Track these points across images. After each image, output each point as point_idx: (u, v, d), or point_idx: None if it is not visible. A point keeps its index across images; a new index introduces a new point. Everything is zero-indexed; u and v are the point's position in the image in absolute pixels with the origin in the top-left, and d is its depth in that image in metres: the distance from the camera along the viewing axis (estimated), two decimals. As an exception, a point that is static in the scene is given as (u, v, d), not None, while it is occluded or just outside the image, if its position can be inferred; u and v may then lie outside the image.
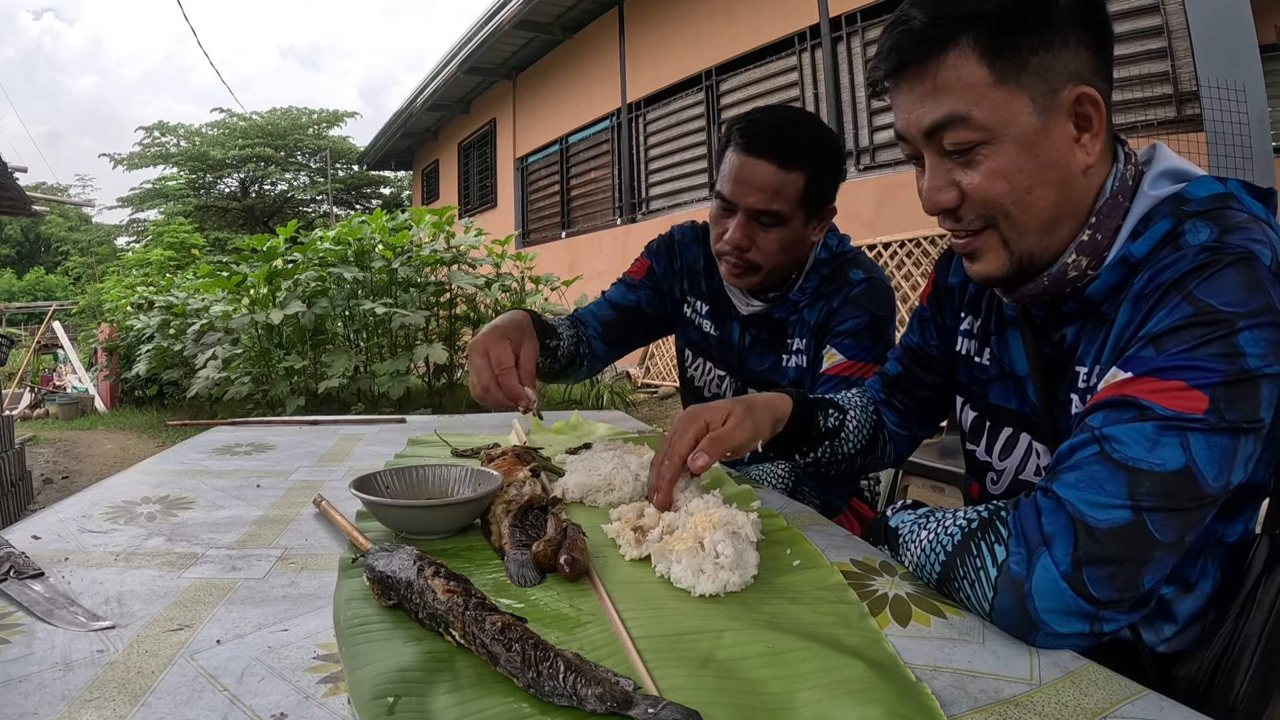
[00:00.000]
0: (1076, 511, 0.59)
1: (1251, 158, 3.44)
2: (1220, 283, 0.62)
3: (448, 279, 5.63)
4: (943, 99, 0.70)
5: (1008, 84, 0.68)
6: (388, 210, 9.82)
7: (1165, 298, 0.64)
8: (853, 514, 1.34)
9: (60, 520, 0.83)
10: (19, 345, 10.58)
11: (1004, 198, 0.71)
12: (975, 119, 0.69)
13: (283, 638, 0.56)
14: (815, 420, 0.94)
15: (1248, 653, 0.68)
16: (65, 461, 5.31)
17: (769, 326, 1.29)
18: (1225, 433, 0.60)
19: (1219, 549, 0.73)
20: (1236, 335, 0.60)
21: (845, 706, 0.46)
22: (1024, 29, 0.68)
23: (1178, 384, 0.60)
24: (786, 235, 1.18)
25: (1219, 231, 0.65)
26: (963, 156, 0.72)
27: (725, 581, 0.65)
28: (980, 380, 0.88)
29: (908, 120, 0.74)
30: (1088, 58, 0.69)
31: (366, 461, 1.15)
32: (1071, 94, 0.69)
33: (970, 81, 0.69)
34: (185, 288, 7.18)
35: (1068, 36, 0.69)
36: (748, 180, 1.16)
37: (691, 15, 7.12)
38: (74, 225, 21.22)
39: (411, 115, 12.16)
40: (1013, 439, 0.84)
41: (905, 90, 0.74)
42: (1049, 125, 0.69)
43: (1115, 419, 0.62)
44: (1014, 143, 0.69)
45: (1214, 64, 3.55)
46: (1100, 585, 0.58)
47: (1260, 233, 0.65)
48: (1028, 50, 0.68)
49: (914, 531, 0.69)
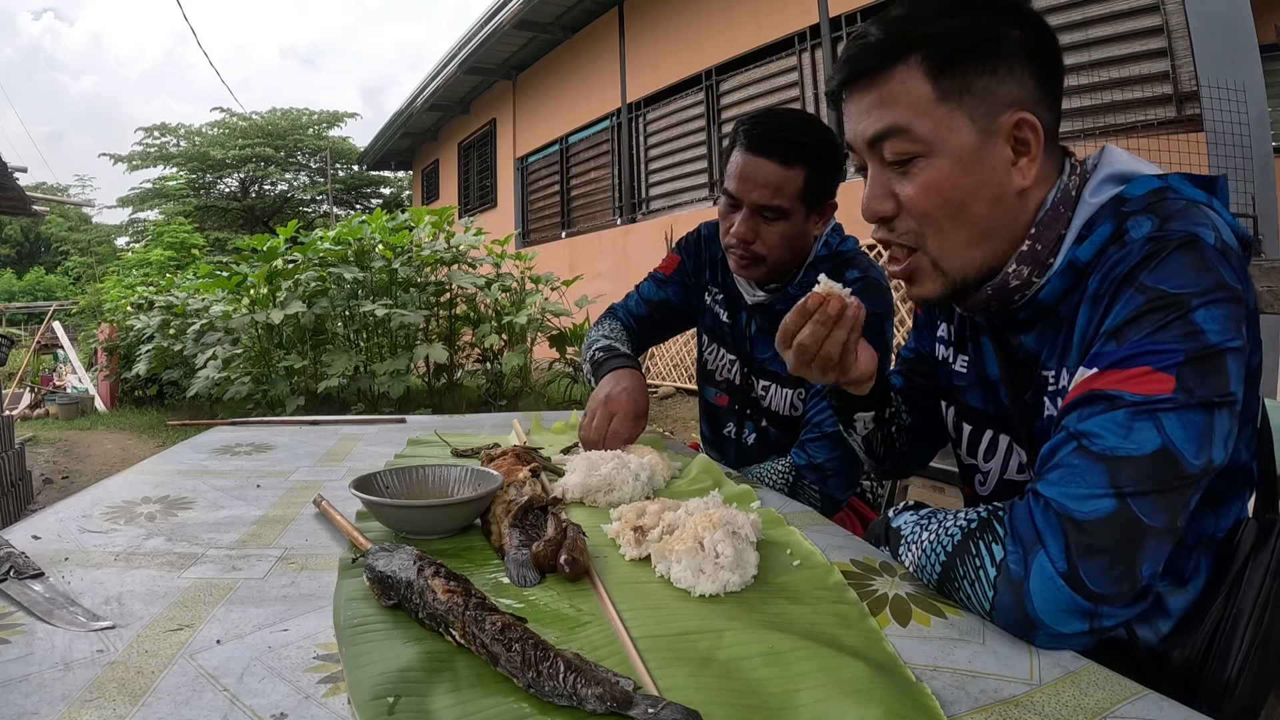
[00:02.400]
0: (1061, 508, 0.60)
1: (1251, 158, 3.43)
2: (1169, 268, 0.63)
3: (448, 279, 5.63)
4: (887, 110, 0.74)
5: (949, 102, 0.71)
6: (388, 210, 9.82)
7: (1119, 292, 0.65)
8: (853, 512, 1.35)
9: (60, 520, 0.83)
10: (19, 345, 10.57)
11: (936, 211, 0.74)
12: (915, 132, 0.72)
13: (283, 638, 0.56)
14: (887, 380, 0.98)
15: (1239, 632, 0.69)
16: (65, 461, 5.31)
17: (773, 316, 1.34)
18: (1197, 409, 0.61)
19: (1210, 544, 0.74)
20: (1192, 314, 0.62)
21: (845, 706, 0.46)
22: (971, 54, 0.71)
23: (1142, 369, 0.61)
24: (789, 229, 1.23)
25: (1160, 221, 0.66)
26: (901, 168, 0.75)
27: (725, 581, 0.65)
28: (959, 386, 0.90)
29: (854, 130, 0.77)
30: (1032, 86, 0.72)
31: (366, 461, 1.15)
32: (1011, 119, 0.71)
33: (914, 96, 0.72)
34: (185, 288, 7.18)
35: (1014, 65, 0.71)
36: (751, 177, 1.21)
37: (691, 15, 7.12)
38: (74, 225, 21.20)
39: (411, 115, 12.16)
40: (994, 441, 0.86)
41: (855, 101, 0.77)
42: (986, 145, 0.72)
43: (1088, 414, 0.63)
44: (950, 159, 0.72)
45: (1214, 64, 3.55)
46: (1097, 579, 0.58)
47: (1201, 215, 0.66)
48: (973, 73, 0.71)
49: (915, 532, 0.70)
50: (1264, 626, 0.69)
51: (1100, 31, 3.94)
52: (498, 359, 5.92)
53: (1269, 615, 0.69)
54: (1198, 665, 0.70)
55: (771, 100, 6.24)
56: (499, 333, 5.79)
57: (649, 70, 7.77)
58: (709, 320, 1.48)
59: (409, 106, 11.98)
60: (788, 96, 6.11)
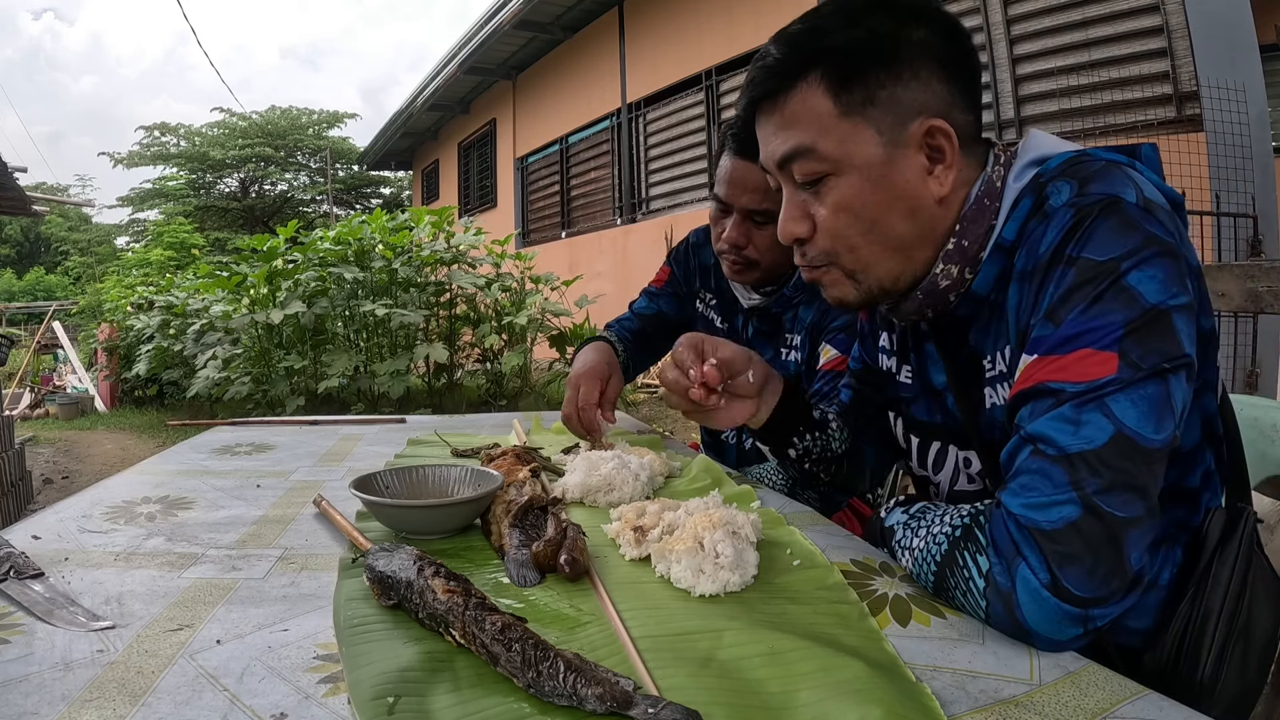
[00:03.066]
0: (1028, 520, 0.58)
1: (1251, 158, 3.44)
2: (1093, 234, 0.61)
3: (448, 279, 5.63)
4: (792, 131, 0.72)
5: (853, 116, 0.69)
6: (388, 210, 9.81)
7: (1050, 271, 0.63)
8: (852, 512, 1.35)
9: (60, 520, 0.83)
10: (19, 345, 10.57)
11: (849, 230, 0.72)
12: (820, 150, 0.70)
13: (283, 638, 0.56)
14: (806, 406, 0.94)
15: (1209, 631, 0.66)
16: (65, 461, 5.31)
17: (770, 319, 1.35)
18: (1147, 381, 0.58)
19: (1182, 535, 0.71)
20: (1124, 278, 0.59)
21: (845, 706, 0.46)
22: (871, 63, 0.68)
23: (1083, 352, 0.59)
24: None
25: (1078, 184, 0.64)
26: (813, 188, 0.73)
27: (725, 581, 0.65)
28: (904, 397, 0.87)
29: (765, 153, 0.75)
30: (941, 90, 0.69)
31: (366, 461, 1.15)
32: (921, 126, 0.69)
33: (817, 113, 0.70)
34: (185, 288, 7.17)
35: (918, 70, 0.69)
36: (740, 181, 1.20)
37: (691, 15, 7.12)
38: (74, 225, 21.19)
39: (411, 115, 12.17)
40: (941, 452, 0.83)
41: (763, 123, 0.75)
42: (896, 157, 0.70)
43: (1037, 411, 0.61)
44: (859, 175, 0.70)
45: (1214, 64, 3.55)
46: (1082, 584, 0.56)
47: (1121, 174, 0.64)
48: (875, 84, 0.69)
49: (906, 537, 0.69)
50: (1240, 619, 0.66)
51: (1100, 31, 3.94)
52: (498, 359, 5.92)
53: (1245, 606, 0.66)
54: (1169, 667, 0.67)
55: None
56: (499, 333, 5.79)
57: (649, 70, 7.77)
58: (702, 327, 1.47)
59: (409, 106, 11.98)
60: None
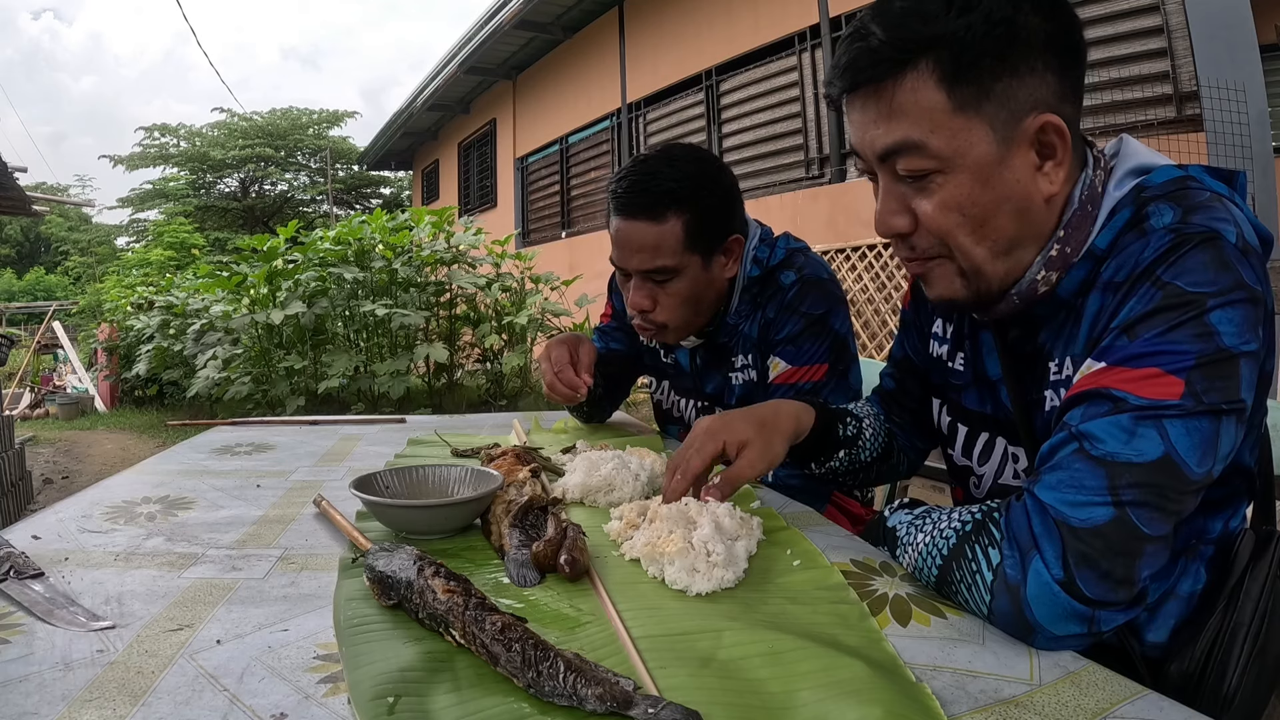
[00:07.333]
0: (1057, 514, 0.59)
1: (1251, 158, 3.43)
2: (1188, 264, 0.61)
3: (448, 279, 5.63)
4: (898, 123, 0.67)
5: (967, 111, 0.65)
6: (388, 210, 9.81)
7: (1136, 286, 0.63)
8: (836, 508, 1.32)
9: (60, 520, 0.83)
10: (19, 345, 10.57)
11: (957, 229, 0.69)
12: (930, 147, 0.66)
13: (283, 638, 0.56)
14: (835, 430, 0.93)
15: (1238, 644, 0.67)
16: (65, 461, 5.31)
17: (714, 350, 1.28)
18: (1204, 416, 0.58)
19: (1203, 548, 0.72)
20: (1208, 315, 0.59)
21: (845, 706, 0.46)
22: (988, 54, 0.64)
23: (1152, 370, 0.59)
24: (687, 285, 1.15)
25: (1182, 212, 0.63)
26: (917, 183, 0.69)
27: (720, 579, 0.65)
28: (954, 386, 0.87)
29: (862, 140, 0.71)
30: (1054, 83, 0.66)
31: (366, 461, 1.15)
32: (1035, 122, 0.66)
33: (927, 107, 0.66)
34: (185, 288, 7.18)
35: (1035, 62, 0.65)
36: (626, 243, 1.14)
37: (691, 15, 7.12)
38: (74, 225, 21.18)
39: (411, 115, 12.16)
40: (990, 444, 0.83)
41: (860, 108, 0.70)
42: (1008, 155, 0.66)
43: (1091, 414, 0.61)
44: (969, 173, 0.67)
45: (1214, 64, 3.55)
46: (1094, 585, 0.57)
47: (1224, 211, 0.63)
48: (991, 77, 0.64)
49: (910, 534, 0.69)
50: (1262, 637, 0.67)
51: (1100, 31, 3.94)
52: (498, 359, 5.92)
53: (1267, 625, 0.68)
54: (1196, 678, 0.68)
55: (771, 100, 6.24)
56: (499, 333, 5.79)
57: (649, 70, 7.77)
58: (649, 360, 1.41)
59: (409, 106, 11.97)
60: (788, 97, 6.11)
